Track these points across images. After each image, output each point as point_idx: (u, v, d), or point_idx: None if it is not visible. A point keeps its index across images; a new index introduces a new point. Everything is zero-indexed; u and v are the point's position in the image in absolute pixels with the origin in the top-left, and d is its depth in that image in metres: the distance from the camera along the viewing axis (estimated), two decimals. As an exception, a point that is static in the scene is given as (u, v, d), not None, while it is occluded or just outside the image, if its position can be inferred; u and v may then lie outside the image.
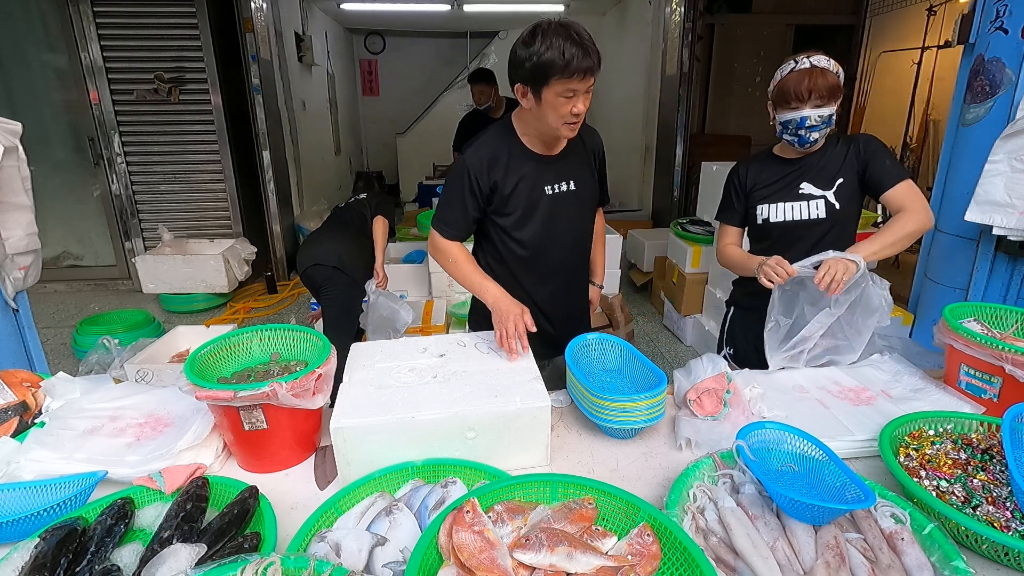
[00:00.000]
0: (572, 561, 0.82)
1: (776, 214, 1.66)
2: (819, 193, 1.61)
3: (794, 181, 1.64)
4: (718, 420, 1.27)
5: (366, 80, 8.82)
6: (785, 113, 1.53)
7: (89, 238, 4.98)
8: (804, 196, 1.62)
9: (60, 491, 1.05)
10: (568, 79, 1.29)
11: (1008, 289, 2.15)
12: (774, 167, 1.69)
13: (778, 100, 1.54)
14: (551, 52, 1.27)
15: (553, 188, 1.55)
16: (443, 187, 1.59)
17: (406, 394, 1.16)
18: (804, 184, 1.62)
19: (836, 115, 1.53)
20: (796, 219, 1.63)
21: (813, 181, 1.62)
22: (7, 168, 1.94)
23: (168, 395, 1.33)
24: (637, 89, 5.97)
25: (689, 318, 3.92)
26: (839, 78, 1.51)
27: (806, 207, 1.62)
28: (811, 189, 1.62)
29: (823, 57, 1.50)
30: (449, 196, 1.55)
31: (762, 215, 1.68)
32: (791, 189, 1.64)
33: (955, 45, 2.29)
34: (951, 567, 0.85)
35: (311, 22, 6.25)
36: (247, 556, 0.77)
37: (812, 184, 1.62)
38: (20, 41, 4.37)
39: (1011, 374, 1.23)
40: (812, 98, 1.48)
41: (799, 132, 1.54)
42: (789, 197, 1.64)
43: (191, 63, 4.53)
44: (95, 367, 3.00)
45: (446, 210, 1.56)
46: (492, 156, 1.49)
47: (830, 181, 1.60)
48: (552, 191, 1.55)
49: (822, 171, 1.61)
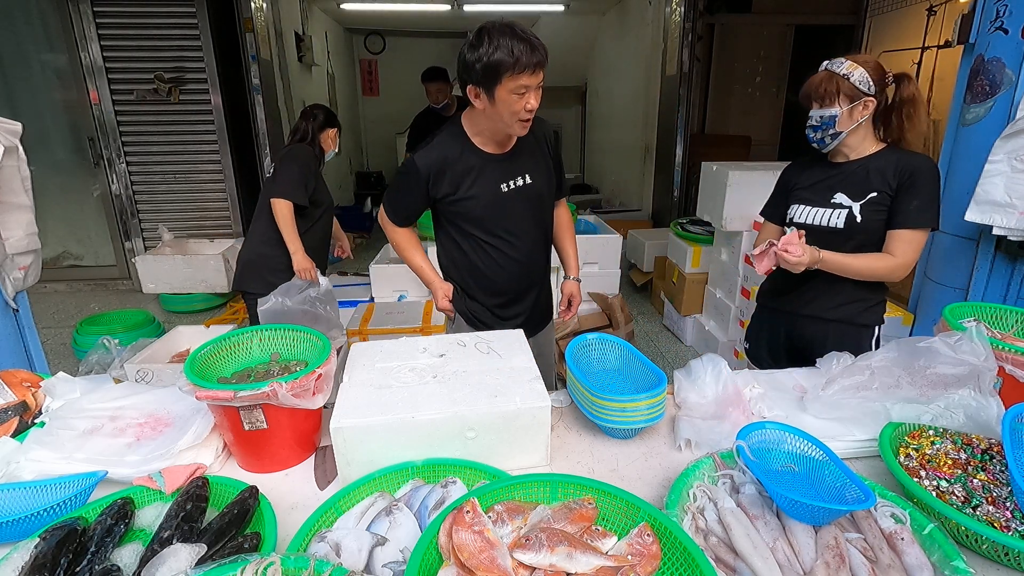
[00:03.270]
0: (572, 561, 0.82)
1: (800, 216, 1.65)
2: (847, 203, 1.58)
3: (832, 187, 1.61)
4: (718, 420, 1.27)
5: (366, 80, 8.83)
6: (812, 113, 1.58)
7: (89, 238, 4.98)
8: (834, 204, 1.60)
9: (60, 491, 1.05)
10: (518, 75, 1.35)
11: (1008, 289, 2.15)
12: (819, 169, 1.67)
13: (801, 101, 1.61)
14: (500, 52, 1.33)
15: (508, 184, 1.61)
16: (395, 177, 1.73)
17: (406, 394, 1.16)
18: (838, 194, 1.59)
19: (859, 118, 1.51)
20: (815, 225, 1.61)
21: (847, 190, 1.58)
22: (7, 168, 1.94)
23: (168, 395, 1.33)
24: (637, 89, 5.97)
25: (689, 318, 3.92)
26: (851, 81, 1.48)
27: (828, 215, 1.60)
28: (842, 199, 1.59)
29: (841, 60, 1.51)
30: (398, 188, 1.67)
31: (791, 215, 1.68)
32: (826, 195, 1.62)
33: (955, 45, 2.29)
34: (951, 567, 0.85)
35: (311, 22, 6.25)
36: (247, 556, 0.77)
37: (845, 193, 1.59)
38: (20, 41, 4.37)
39: (1011, 374, 1.23)
40: (814, 99, 1.55)
41: (806, 131, 1.60)
42: (821, 202, 1.62)
43: (191, 63, 4.54)
44: (95, 367, 3.00)
45: (395, 197, 1.69)
46: (442, 159, 1.56)
47: (863, 193, 1.56)
48: (508, 187, 1.61)
49: (860, 181, 1.57)
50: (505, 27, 1.35)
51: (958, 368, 1.23)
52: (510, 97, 1.39)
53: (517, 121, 1.45)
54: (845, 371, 1.35)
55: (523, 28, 1.36)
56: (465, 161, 1.57)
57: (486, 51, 1.34)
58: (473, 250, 1.69)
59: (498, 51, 1.33)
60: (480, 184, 1.58)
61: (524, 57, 1.33)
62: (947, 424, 1.19)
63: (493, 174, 1.59)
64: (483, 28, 1.37)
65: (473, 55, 1.37)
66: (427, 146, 1.58)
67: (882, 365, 1.33)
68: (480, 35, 1.36)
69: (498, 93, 1.39)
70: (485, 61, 1.35)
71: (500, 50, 1.33)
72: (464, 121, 1.59)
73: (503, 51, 1.33)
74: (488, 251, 1.68)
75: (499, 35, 1.33)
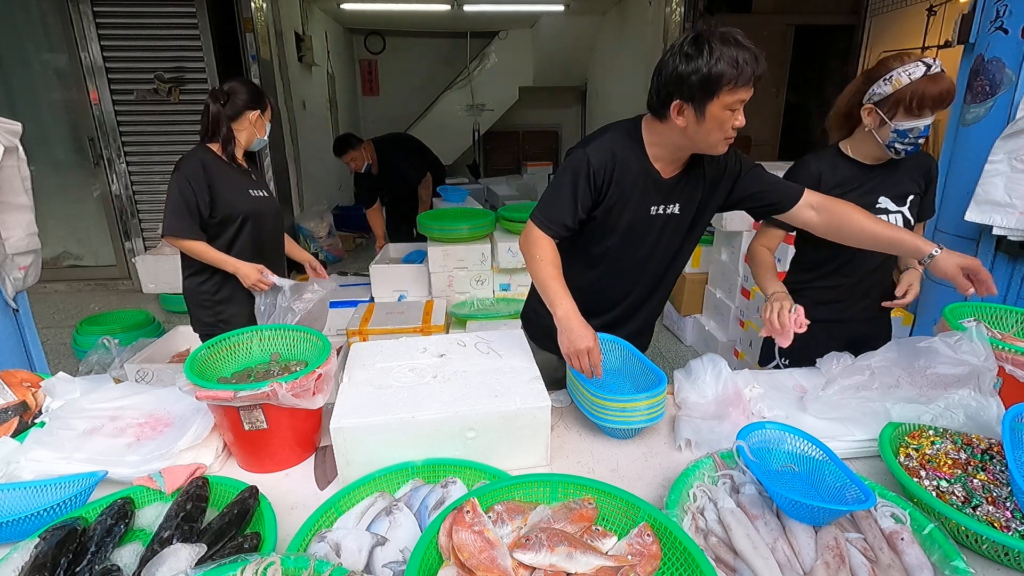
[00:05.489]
0: (572, 561, 0.82)
1: None
2: (895, 208, 1.54)
3: (872, 191, 1.54)
4: (718, 420, 1.27)
5: (366, 80, 8.82)
6: (908, 121, 1.41)
7: (89, 238, 4.98)
8: (881, 211, 1.53)
9: (60, 491, 1.05)
10: (738, 88, 1.20)
11: (1008, 289, 2.15)
12: (847, 170, 1.56)
13: (908, 106, 1.40)
14: (723, 63, 1.17)
15: (658, 209, 1.43)
16: (553, 181, 1.43)
17: (406, 394, 1.16)
18: (882, 198, 1.54)
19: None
20: None
21: (888, 193, 1.54)
22: (7, 168, 1.94)
23: (168, 395, 1.33)
24: (637, 89, 5.96)
25: (689, 318, 3.92)
26: None
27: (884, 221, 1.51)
28: (887, 203, 1.53)
29: (930, 59, 1.41)
30: (559, 189, 1.39)
31: None
32: (869, 200, 1.53)
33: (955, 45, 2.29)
34: (951, 567, 0.85)
35: (311, 22, 6.26)
36: (247, 556, 0.77)
37: (887, 197, 1.54)
38: (20, 41, 4.37)
39: (1011, 374, 1.23)
40: (934, 106, 1.39)
41: (917, 141, 1.43)
42: (868, 209, 1.49)
43: (191, 63, 4.53)
44: (95, 367, 3.00)
45: (551, 202, 1.40)
46: (617, 158, 1.37)
47: (903, 196, 1.54)
48: (655, 211, 1.43)
49: (896, 184, 1.54)
50: (727, 36, 1.19)
51: (958, 368, 1.23)
52: (723, 113, 1.23)
53: (724, 140, 1.28)
54: (845, 371, 1.35)
55: (743, 36, 1.20)
56: (632, 167, 1.38)
57: (706, 62, 1.18)
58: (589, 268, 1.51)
59: (721, 62, 1.17)
60: (633, 198, 1.40)
61: (748, 68, 1.18)
62: (947, 424, 1.19)
63: (648, 192, 1.41)
64: (700, 36, 1.20)
65: (688, 66, 1.20)
66: (599, 141, 1.38)
67: (882, 365, 1.33)
68: (698, 44, 1.19)
69: (711, 108, 1.22)
70: (704, 72, 1.19)
71: (723, 61, 1.17)
72: (645, 128, 1.39)
73: (726, 62, 1.17)
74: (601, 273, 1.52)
75: (722, 44, 1.18)
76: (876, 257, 1.58)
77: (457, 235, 3.25)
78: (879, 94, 1.43)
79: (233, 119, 2.03)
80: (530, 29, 7.99)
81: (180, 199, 1.93)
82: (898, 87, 1.40)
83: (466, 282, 3.34)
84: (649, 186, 1.40)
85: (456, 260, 3.29)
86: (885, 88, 1.42)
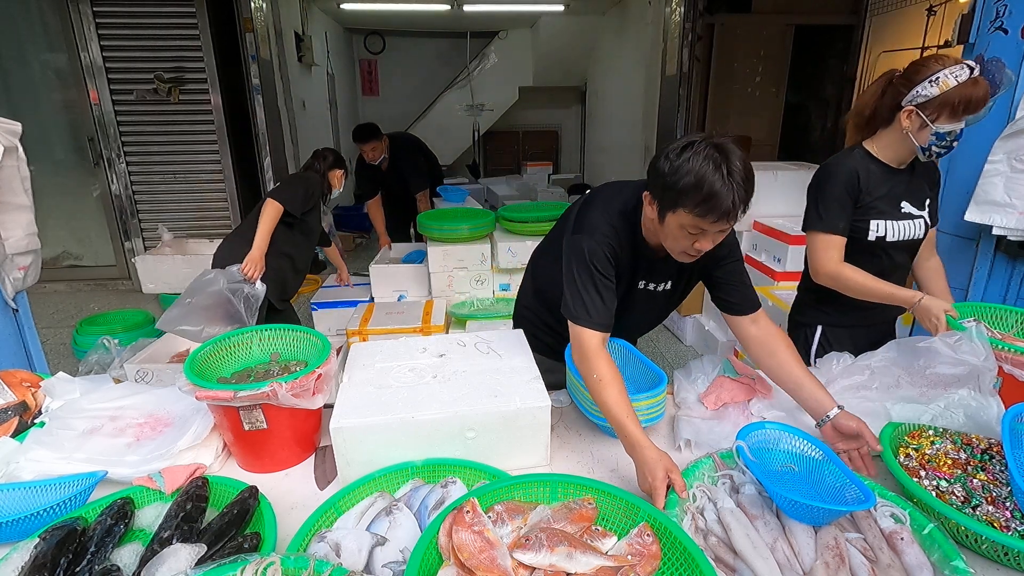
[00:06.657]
0: (572, 561, 0.82)
1: (893, 232, 1.51)
2: (916, 213, 1.53)
3: (899, 196, 1.52)
4: (718, 420, 1.27)
5: (366, 80, 8.82)
6: (950, 123, 1.36)
7: (89, 238, 4.98)
8: (905, 215, 1.52)
9: (60, 491, 1.05)
10: (701, 219, 1.07)
11: (1008, 289, 2.15)
12: (879, 175, 1.50)
13: (955, 109, 1.34)
14: (690, 178, 1.05)
15: (647, 284, 1.39)
16: (572, 274, 1.26)
17: (406, 394, 1.16)
18: (904, 203, 1.52)
19: None
20: (905, 240, 1.52)
21: (909, 198, 1.53)
22: (7, 168, 1.94)
23: (168, 395, 1.33)
24: (637, 89, 5.96)
25: (689, 318, 3.92)
26: None
27: (911, 227, 1.52)
28: (909, 208, 1.52)
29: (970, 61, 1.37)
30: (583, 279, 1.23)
31: (876, 231, 1.50)
32: (894, 205, 1.52)
33: (955, 45, 2.29)
34: (951, 567, 0.85)
35: (311, 22, 6.25)
36: (247, 556, 0.77)
37: (908, 202, 1.52)
38: (20, 41, 4.36)
39: (1011, 374, 1.23)
40: (975, 108, 1.34)
41: (952, 144, 1.40)
42: (895, 215, 1.50)
43: (191, 63, 4.53)
44: (95, 367, 2.99)
45: (583, 297, 1.22)
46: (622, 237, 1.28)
47: (922, 201, 1.54)
48: (643, 286, 1.39)
49: (916, 189, 1.54)
50: (719, 159, 1.04)
51: (958, 368, 1.23)
52: (679, 231, 1.12)
53: (681, 253, 1.19)
54: (845, 371, 1.36)
55: (738, 162, 1.04)
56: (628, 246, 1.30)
57: (678, 167, 1.06)
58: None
59: (689, 176, 1.05)
60: (626, 274, 1.34)
61: (721, 203, 1.03)
62: (947, 424, 1.19)
63: (640, 268, 1.35)
64: (692, 144, 1.07)
65: (665, 164, 1.09)
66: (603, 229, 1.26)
67: (882, 365, 1.33)
68: (684, 150, 1.07)
69: (669, 218, 1.12)
70: (671, 181, 1.07)
71: (693, 179, 1.04)
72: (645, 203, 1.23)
73: (695, 183, 1.04)
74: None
75: (704, 160, 1.04)
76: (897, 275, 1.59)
77: (457, 235, 3.25)
78: (923, 96, 1.36)
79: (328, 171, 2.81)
80: (530, 29, 7.99)
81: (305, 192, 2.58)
82: (945, 89, 1.34)
83: (466, 282, 3.34)
84: (641, 266, 1.35)
85: (456, 260, 3.29)
86: (931, 90, 1.35)
